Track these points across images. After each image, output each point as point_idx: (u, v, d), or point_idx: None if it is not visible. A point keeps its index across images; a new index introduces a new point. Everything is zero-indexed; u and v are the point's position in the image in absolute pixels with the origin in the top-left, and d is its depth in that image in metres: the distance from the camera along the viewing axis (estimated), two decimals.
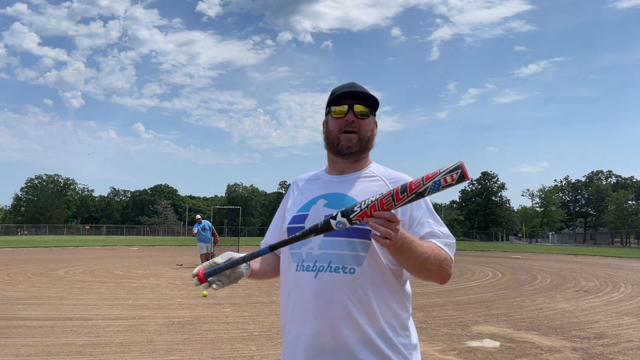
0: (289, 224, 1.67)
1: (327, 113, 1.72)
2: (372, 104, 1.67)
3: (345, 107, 1.65)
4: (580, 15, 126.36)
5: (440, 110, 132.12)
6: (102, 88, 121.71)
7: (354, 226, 1.48)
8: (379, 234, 1.35)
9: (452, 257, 1.57)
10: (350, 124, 1.64)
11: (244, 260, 1.56)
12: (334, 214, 1.41)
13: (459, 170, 1.31)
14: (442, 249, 1.53)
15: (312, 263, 1.56)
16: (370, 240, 1.52)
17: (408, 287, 1.66)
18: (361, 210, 1.37)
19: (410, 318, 1.65)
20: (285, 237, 1.66)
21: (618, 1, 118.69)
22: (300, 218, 1.65)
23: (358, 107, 1.64)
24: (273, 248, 1.50)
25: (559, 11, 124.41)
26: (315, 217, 1.60)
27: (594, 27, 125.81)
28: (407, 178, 1.62)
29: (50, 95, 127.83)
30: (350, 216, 1.38)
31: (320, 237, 1.57)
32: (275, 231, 1.81)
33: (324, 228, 1.42)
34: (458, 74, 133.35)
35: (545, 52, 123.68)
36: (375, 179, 1.66)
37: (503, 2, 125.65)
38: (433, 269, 1.50)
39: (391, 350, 1.52)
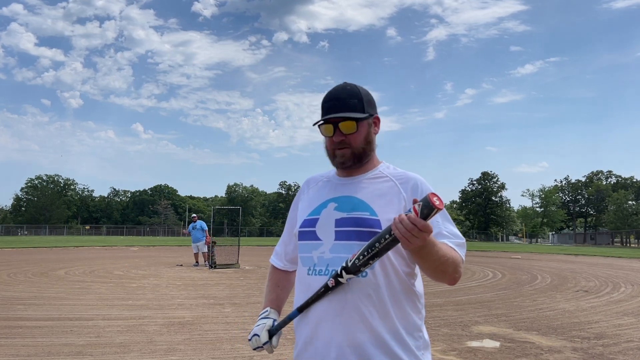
0: (300, 227, 1.67)
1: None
2: (364, 108, 1.60)
3: (330, 128, 1.59)
4: (575, 15, 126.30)
5: (437, 111, 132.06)
6: (99, 88, 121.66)
7: (364, 230, 1.51)
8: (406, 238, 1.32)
9: (464, 258, 1.55)
10: (339, 142, 1.60)
11: (282, 326, 1.68)
12: (339, 272, 1.46)
13: (422, 203, 1.31)
14: (456, 250, 1.52)
15: (325, 267, 1.56)
16: None
17: (420, 286, 1.64)
18: (364, 258, 1.42)
19: (423, 318, 1.64)
20: (296, 240, 1.69)
21: (612, 1, 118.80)
22: (311, 222, 1.64)
23: (344, 125, 1.58)
24: (301, 309, 1.58)
25: (553, 11, 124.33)
26: (326, 221, 1.60)
27: (589, 27, 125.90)
28: (415, 177, 1.62)
29: (48, 96, 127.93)
30: (357, 268, 1.44)
31: (331, 241, 1.57)
32: (290, 235, 1.81)
33: (335, 287, 1.50)
34: (454, 74, 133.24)
35: (540, 52, 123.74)
36: (385, 179, 1.63)
37: (497, 3, 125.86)
38: (449, 271, 1.49)
39: (405, 351, 1.52)
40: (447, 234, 1.54)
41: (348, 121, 1.57)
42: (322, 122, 1.60)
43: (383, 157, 1.72)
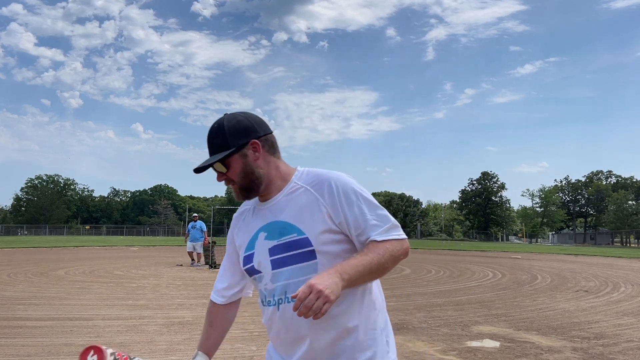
0: (243, 266, 1.68)
1: None
2: (228, 143, 1.57)
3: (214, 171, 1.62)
4: (575, 15, 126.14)
5: (437, 111, 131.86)
6: (99, 88, 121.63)
7: (296, 252, 1.52)
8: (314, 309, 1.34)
9: (399, 236, 1.54)
10: (225, 181, 1.62)
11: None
12: None
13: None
14: (385, 241, 1.51)
15: (272, 298, 1.59)
16: (316, 258, 1.52)
17: (374, 286, 1.64)
18: None
19: (380, 305, 1.65)
20: (247, 277, 1.72)
21: (612, 1, 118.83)
22: (249, 257, 1.64)
23: (216, 168, 1.60)
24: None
25: (553, 11, 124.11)
26: (261, 252, 1.60)
27: (588, 27, 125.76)
28: (328, 177, 1.57)
29: (48, 96, 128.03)
30: None
31: (269, 271, 1.58)
32: (229, 266, 1.79)
33: None
34: (454, 74, 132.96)
35: (540, 52, 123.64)
36: (301, 190, 1.59)
37: (497, 2, 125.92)
38: (389, 266, 1.51)
39: (362, 352, 1.56)
40: (376, 222, 1.52)
41: (218, 162, 1.58)
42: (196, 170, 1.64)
43: (383, 157, 1.71)
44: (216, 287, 1.82)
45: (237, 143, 1.57)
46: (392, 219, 1.55)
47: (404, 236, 1.55)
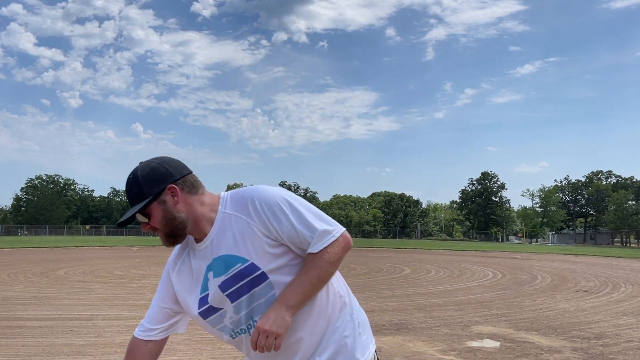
0: (198, 310, 1.65)
1: None
2: (144, 193, 1.56)
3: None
4: (574, 15, 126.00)
5: (437, 111, 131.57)
6: (99, 88, 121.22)
7: (247, 280, 1.54)
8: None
9: (333, 237, 1.54)
10: (150, 229, 1.62)
11: None
12: None
13: None
14: (320, 250, 1.52)
15: (245, 326, 1.61)
16: (268, 278, 1.54)
17: (335, 281, 1.67)
18: None
19: (343, 297, 1.68)
20: (200, 322, 1.69)
21: (612, 1, 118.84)
22: (204, 299, 1.64)
23: (138, 219, 1.60)
24: None
25: (553, 11, 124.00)
26: (214, 291, 1.60)
27: (588, 27, 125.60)
28: (250, 196, 1.57)
29: (48, 96, 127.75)
30: None
31: (229, 305, 1.59)
32: (159, 302, 1.77)
33: None
34: (454, 74, 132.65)
35: (540, 52, 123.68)
36: (231, 218, 1.58)
37: (497, 3, 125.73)
38: (332, 270, 1.55)
39: (335, 349, 1.61)
40: (307, 232, 1.53)
41: (139, 213, 1.57)
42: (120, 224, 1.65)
43: (383, 157, 1.71)
44: (142, 324, 1.77)
45: (154, 191, 1.56)
46: (319, 224, 1.54)
47: (339, 233, 1.55)
